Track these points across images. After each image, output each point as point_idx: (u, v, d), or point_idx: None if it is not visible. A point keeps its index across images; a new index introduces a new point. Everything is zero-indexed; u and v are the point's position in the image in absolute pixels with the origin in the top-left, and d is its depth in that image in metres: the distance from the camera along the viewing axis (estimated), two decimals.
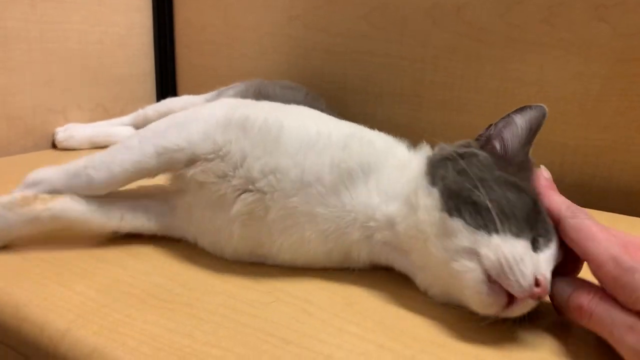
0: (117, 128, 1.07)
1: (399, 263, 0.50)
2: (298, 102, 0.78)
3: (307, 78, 1.06)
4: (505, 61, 0.83)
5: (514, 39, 0.82)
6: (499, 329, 0.43)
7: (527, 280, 0.39)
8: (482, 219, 0.41)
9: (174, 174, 0.55)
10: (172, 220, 0.56)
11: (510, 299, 0.40)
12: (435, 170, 0.46)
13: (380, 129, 0.54)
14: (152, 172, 0.54)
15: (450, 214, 0.42)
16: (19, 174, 0.53)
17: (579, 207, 0.44)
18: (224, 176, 0.50)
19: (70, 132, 1.01)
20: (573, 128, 0.79)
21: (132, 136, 0.55)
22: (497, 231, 0.40)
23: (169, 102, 1.01)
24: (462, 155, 0.46)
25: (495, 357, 0.40)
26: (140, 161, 0.52)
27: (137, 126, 1.05)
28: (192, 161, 0.52)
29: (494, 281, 0.39)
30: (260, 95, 0.80)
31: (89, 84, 1.11)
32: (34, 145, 1.01)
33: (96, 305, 0.44)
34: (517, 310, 0.40)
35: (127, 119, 1.07)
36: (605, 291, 0.39)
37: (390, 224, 0.47)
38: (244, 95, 0.84)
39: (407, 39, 0.93)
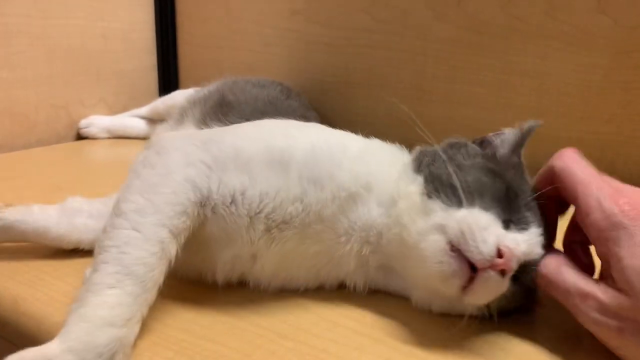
0: (133, 120, 1.10)
1: (395, 285, 0.48)
2: (270, 99, 0.76)
3: (308, 71, 1.06)
4: (506, 53, 0.83)
5: (516, 31, 0.81)
6: (494, 324, 0.43)
7: (488, 247, 0.38)
8: (457, 198, 0.41)
9: None
10: None
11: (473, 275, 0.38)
12: (421, 160, 0.47)
13: (382, 122, 0.53)
14: (172, 261, 0.42)
15: (430, 196, 0.43)
16: (22, 169, 0.53)
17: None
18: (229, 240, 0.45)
19: (91, 121, 1.09)
20: (575, 121, 0.78)
21: (116, 230, 0.41)
22: (466, 205, 0.41)
23: (176, 95, 1.02)
24: (452, 146, 0.48)
25: (491, 350, 0.40)
26: (162, 250, 0.41)
27: (153, 118, 1.07)
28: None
29: (457, 251, 0.39)
30: (223, 103, 0.77)
31: (92, 79, 1.11)
32: (37, 140, 1.02)
33: None
34: (479, 290, 0.39)
35: (144, 110, 1.09)
36: (568, 260, 0.41)
37: (380, 235, 0.45)
38: (207, 99, 0.82)
39: (408, 31, 0.93)
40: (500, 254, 0.38)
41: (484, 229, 0.39)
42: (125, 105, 1.17)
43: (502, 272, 0.38)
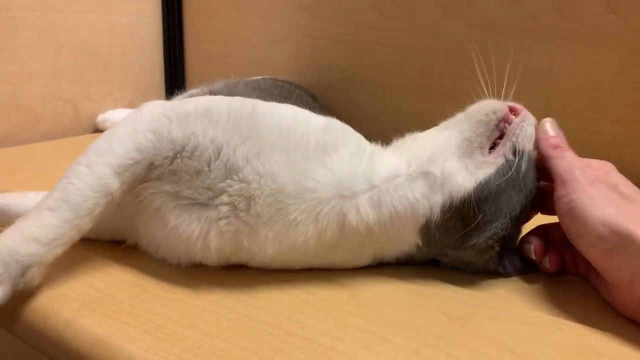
0: None
1: (407, 198, 0.47)
2: (262, 95, 0.76)
3: (315, 67, 1.06)
4: (516, 52, 0.82)
5: (525, 29, 0.81)
6: (501, 325, 0.43)
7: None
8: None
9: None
10: (123, 223, 0.51)
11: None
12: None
13: (389, 119, 0.54)
14: (115, 195, 0.46)
15: None
16: (29, 163, 0.53)
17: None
18: (197, 174, 0.47)
19: (108, 116, 1.11)
20: (583, 121, 0.78)
21: (75, 165, 0.46)
22: None
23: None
24: None
25: (497, 351, 0.40)
26: (101, 184, 0.45)
27: None
28: (153, 167, 0.47)
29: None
30: (209, 93, 0.77)
31: (98, 73, 1.11)
32: (44, 134, 1.02)
33: (100, 295, 0.44)
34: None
35: None
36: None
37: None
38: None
39: (417, 28, 0.92)
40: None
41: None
42: (131, 100, 1.17)
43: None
